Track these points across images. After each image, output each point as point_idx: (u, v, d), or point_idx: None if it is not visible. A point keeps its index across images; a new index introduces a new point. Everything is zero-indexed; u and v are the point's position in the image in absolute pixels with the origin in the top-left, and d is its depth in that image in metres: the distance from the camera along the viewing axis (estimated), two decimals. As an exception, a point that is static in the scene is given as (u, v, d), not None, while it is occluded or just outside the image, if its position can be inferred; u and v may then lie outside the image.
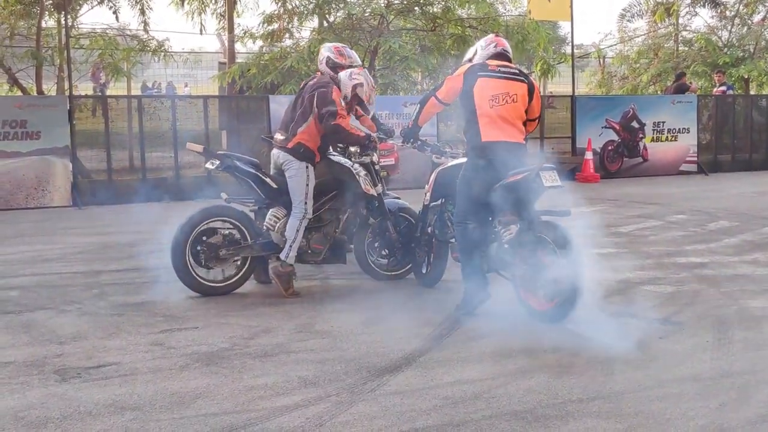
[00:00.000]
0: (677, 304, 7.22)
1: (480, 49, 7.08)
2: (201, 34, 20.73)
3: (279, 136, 7.81)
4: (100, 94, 21.82)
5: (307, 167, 7.61)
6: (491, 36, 7.25)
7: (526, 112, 6.95)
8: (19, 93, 17.96)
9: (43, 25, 19.77)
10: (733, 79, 23.90)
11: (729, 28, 26.41)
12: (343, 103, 7.66)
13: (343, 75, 7.82)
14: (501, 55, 7.04)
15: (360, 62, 8.38)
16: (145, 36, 21.51)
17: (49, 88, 19.36)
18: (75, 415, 4.81)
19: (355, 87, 7.79)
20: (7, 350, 6.02)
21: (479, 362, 5.76)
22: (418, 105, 7.21)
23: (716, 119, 19.93)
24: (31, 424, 4.68)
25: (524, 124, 6.96)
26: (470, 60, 7.13)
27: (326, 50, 8.10)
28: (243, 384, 5.31)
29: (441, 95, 7.05)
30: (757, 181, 17.53)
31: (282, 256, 7.58)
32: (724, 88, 21.10)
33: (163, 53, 20.78)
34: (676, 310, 7.02)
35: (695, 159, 18.89)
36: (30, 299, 7.57)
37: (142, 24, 20.35)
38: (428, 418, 4.78)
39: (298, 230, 7.57)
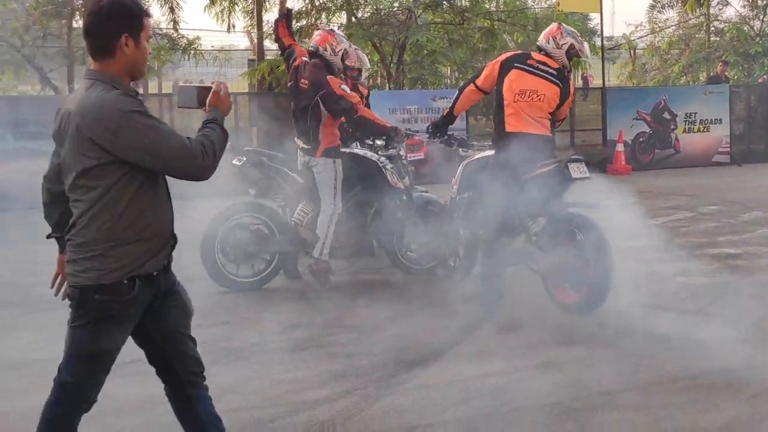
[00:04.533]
0: (710, 296, 7.17)
1: (554, 45, 6.93)
2: (229, 32, 20.76)
3: (303, 144, 7.76)
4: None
5: (334, 162, 7.62)
6: (569, 36, 7.01)
7: (551, 113, 6.87)
8: (51, 93, 18.13)
9: (75, 25, 19.96)
10: (766, 68, 23.63)
11: (761, 17, 26.11)
12: (347, 89, 7.64)
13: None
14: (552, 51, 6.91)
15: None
16: (175, 34, 21.66)
17: (81, 87, 19.55)
18: (107, 411, 4.82)
19: (344, 54, 7.84)
20: (41, 347, 6.08)
21: (507, 355, 5.75)
22: (458, 92, 7.17)
23: (748, 109, 19.69)
24: (64, 419, 4.72)
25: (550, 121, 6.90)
26: (540, 44, 7.00)
27: (343, 41, 7.93)
28: (272, 378, 5.34)
29: (479, 82, 7.02)
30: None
31: (315, 253, 7.60)
32: None
33: (193, 51, 20.90)
34: (709, 302, 6.97)
35: (728, 150, 18.69)
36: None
37: (172, 23, 20.45)
38: (456, 410, 4.78)
39: (329, 226, 7.58)
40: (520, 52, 6.97)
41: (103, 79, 3.35)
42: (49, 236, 3.80)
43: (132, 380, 5.32)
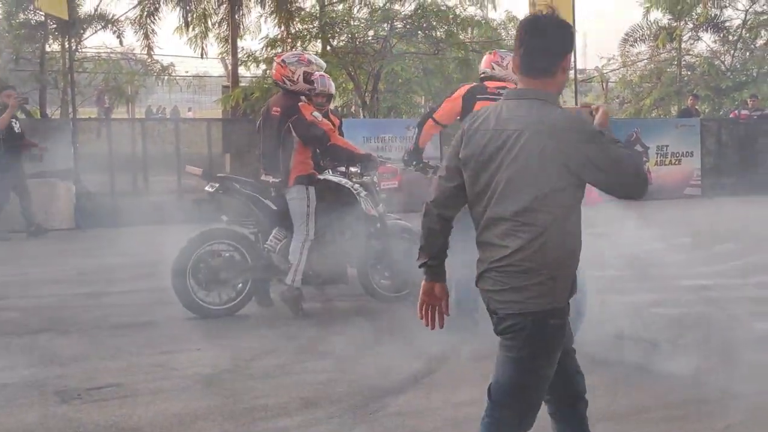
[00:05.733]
0: (683, 327, 7.16)
1: (482, 67, 7.05)
2: (202, 58, 20.80)
3: (271, 179, 7.67)
4: (104, 117, 21.85)
5: (307, 189, 7.57)
6: (486, 55, 7.20)
7: None
8: (23, 116, 17.98)
9: (48, 48, 19.90)
10: (736, 102, 23.91)
11: (732, 52, 26.46)
12: (319, 116, 7.60)
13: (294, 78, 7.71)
14: (501, 76, 7.02)
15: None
16: (149, 60, 21.64)
17: (53, 111, 19.43)
18: (75, 437, 4.77)
19: (306, 76, 7.70)
20: (6, 372, 5.97)
21: (482, 383, 5.62)
22: (416, 128, 7.19)
23: (719, 143, 19.86)
24: (30, 446, 4.64)
25: None
26: (486, 73, 7.09)
27: (298, 65, 7.73)
28: (244, 405, 5.27)
29: (438, 117, 7.05)
30: (763, 202, 17.46)
31: (288, 280, 7.54)
32: (758, 112, 20.77)
33: (166, 77, 20.86)
34: (682, 333, 6.96)
35: (699, 182, 18.85)
36: (31, 321, 7.54)
37: (146, 48, 20.42)
38: (431, 439, 4.73)
39: (301, 253, 7.53)
40: (473, 84, 6.98)
41: (546, 98, 3.29)
42: (422, 265, 3.60)
43: (96, 406, 5.25)
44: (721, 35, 26.48)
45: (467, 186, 3.37)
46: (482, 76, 7.10)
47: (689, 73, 26.80)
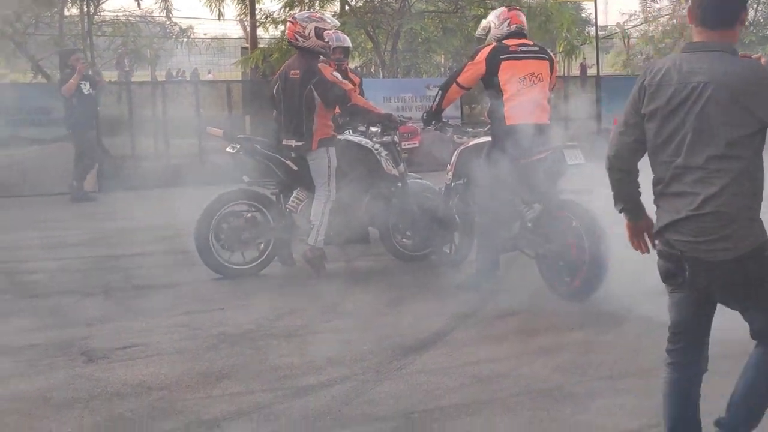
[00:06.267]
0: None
1: (494, 26, 7.00)
2: (219, 20, 20.75)
3: (295, 142, 7.58)
4: (124, 80, 21.85)
5: (327, 150, 7.55)
6: (504, 11, 7.10)
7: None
8: (44, 81, 18.04)
9: (66, 12, 19.87)
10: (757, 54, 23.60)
11: (754, 6, 26.12)
12: (339, 76, 7.55)
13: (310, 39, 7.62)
14: (517, 33, 6.98)
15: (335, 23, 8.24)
16: (168, 23, 21.60)
17: (73, 75, 19.43)
18: (102, 396, 4.83)
19: (318, 32, 7.57)
20: (33, 333, 6.04)
21: (505, 341, 5.73)
22: (440, 91, 7.14)
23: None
24: (59, 405, 4.70)
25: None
26: (484, 37, 7.07)
27: (309, 21, 7.66)
28: (268, 364, 5.31)
29: (462, 81, 7.01)
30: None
31: (310, 241, 7.55)
32: None
33: (185, 40, 20.82)
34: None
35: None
36: (56, 283, 7.61)
37: (165, 11, 20.36)
38: (454, 396, 4.75)
39: (323, 213, 7.53)
40: (493, 44, 6.92)
41: (727, 49, 3.43)
42: (621, 210, 3.81)
43: (122, 366, 5.30)
44: (744, -11, 26.12)
45: (651, 137, 3.50)
46: (500, 33, 6.99)
47: (712, 28, 26.45)
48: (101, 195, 13.52)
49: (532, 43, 7.06)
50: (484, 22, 7.22)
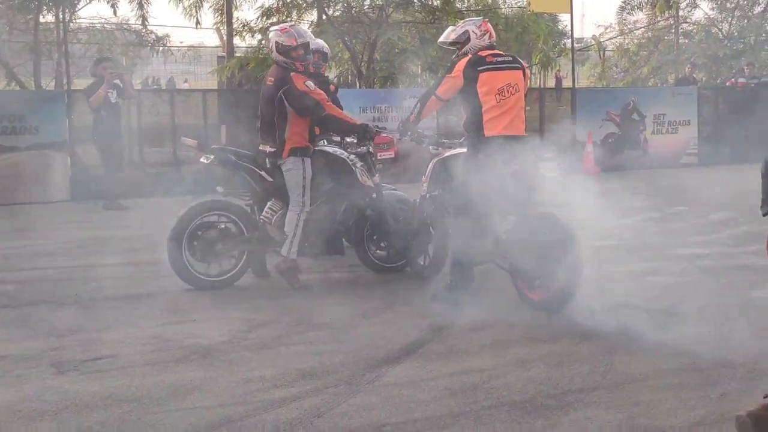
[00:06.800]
0: (678, 295, 7.16)
1: (474, 37, 6.99)
2: (196, 28, 20.68)
3: (268, 149, 7.59)
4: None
5: (303, 160, 7.53)
6: (483, 23, 7.11)
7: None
8: (17, 88, 17.91)
9: (41, 19, 19.74)
10: (734, 70, 23.82)
11: (729, 20, 26.34)
12: (311, 86, 7.52)
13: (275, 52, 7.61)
14: (491, 45, 7.02)
15: (312, 38, 8.08)
16: (144, 31, 21.50)
17: (48, 82, 19.33)
18: (71, 408, 4.78)
19: (287, 54, 7.53)
20: (3, 344, 5.98)
21: (478, 353, 5.73)
22: (418, 103, 7.14)
23: (716, 111, 19.78)
24: (28, 417, 4.65)
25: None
26: (458, 43, 7.05)
27: (273, 35, 7.73)
28: (240, 376, 5.27)
29: (440, 93, 7.02)
30: (758, 173, 17.44)
31: (283, 251, 7.53)
32: (756, 80, 20.68)
33: (161, 48, 20.72)
34: (677, 301, 6.96)
35: (696, 151, 18.81)
36: (27, 293, 7.54)
37: (141, 18, 20.27)
38: (427, 408, 4.74)
39: (297, 224, 7.51)
40: (469, 57, 6.92)
41: None
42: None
43: (93, 377, 5.26)
44: (719, 2, 26.37)
45: None
46: (473, 46, 6.99)
47: (686, 41, 26.69)
48: (74, 204, 13.43)
49: (504, 53, 7.10)
50: (455, 31, 7.14)
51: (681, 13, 26.61)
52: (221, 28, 20.80)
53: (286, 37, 7.57)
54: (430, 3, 18.65)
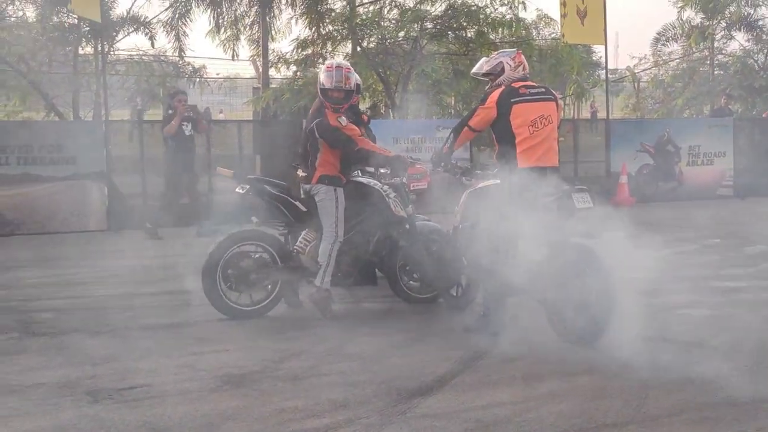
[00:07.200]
0: (714, 328, 7.11)
1: (509, 68, 7.01)
2: (233, 60, 20.89)
3: (301, 173, 7.84)
4: (136, 119, 22.00)
5: (335, 190, 7.60)
6: (518, 55, 7.13)
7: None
8: (56, 118, 18.17)
9: (80, 51, 20.03)
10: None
11: (765, 51, 26.18)
12: (344, 122, 7.60)
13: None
14: (523, 77, 7.04)
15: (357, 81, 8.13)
16: (181, 62, 21.75)
17: (86, 113, 19.58)
18: (106, 437, 4.81)
19: (324, 93, 7.66)
20: (40, 371, 6.05)
21: (510, 385, 5.70)
22: (452, 134, 7.18)
23: (752, 143, 19.63)
24: (62, 445, 4.69)
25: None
26: (492, 74, 7.07)
27: (322, 68, 7.94)
28: (273, 407, 5.29)
29: (473, 124, 7.04)
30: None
31: (317, 282, 7.56)
32: None
33: (198, 79, 20.93)
34: (713, 334, 6.91)
35: (732, 183, 18.67)
36: (64, 321, 7.62)
37: (178, 50, 20.51)
38: (459, 441, 4.72)
39: (330, 255, 7.55)
40: (502, 88, 6.95)
41: None
42: None
43: (127, 406, 5.29)
44: (755, 34, 26.18)
45: None
46: (508, 77, 7.02)
47: (722, 72, 26.54)
48: (111, 233, 13.57)
49: (536, 84, 7.13)
50: (489, 62, 7.17)
51: (716, 44, 26.49)
52: (257, 59, 21.00)
53: (326, 76, 7.69)
54: (463, 35, 18.71)
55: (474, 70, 7.41)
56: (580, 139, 18.37)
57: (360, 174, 8.23)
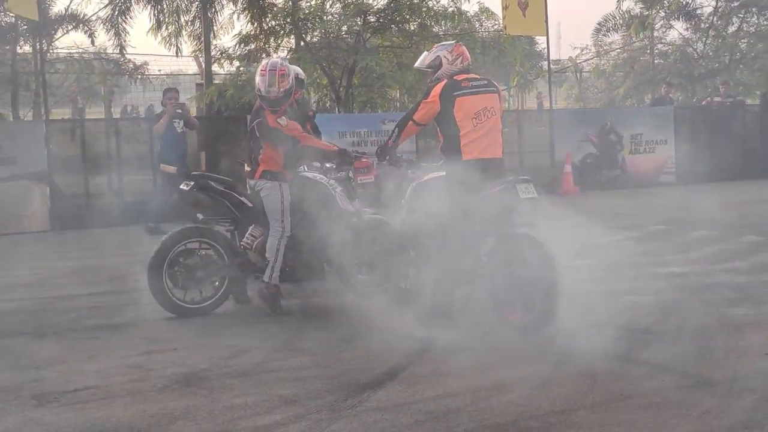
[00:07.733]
0: (659, 314, 7.21)
1: (446, 62, 7.03)
2: (177, 56, 20.72)
3: (246, 168, 7.83)
4: (77, 118, 21.70)
5: (280, 185, 7.57)
6: (456, 47, 7.16)
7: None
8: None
9: (19, 50, 19.71)
10: (709, 89, 24.05)
11: (704, 39, 26.60)
12: (284, 122, 7.57)
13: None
14: (465, 69, 7.07)
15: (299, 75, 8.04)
16: (122, 59, 21.49)
17: (26, 113, 19.28)
18: (52, 440, 4.74)
19: (260, 96, 7.62)
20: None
21: (460, 376, 5.72)
22: (396, 128, 7.20)
23: (693, 130, 19.93)
24: (7, 451, 4.61)
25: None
26: (426, 69, 7.12)
27: (257, 71, 7.86)
28: (222, 404, 5.25)
29: (418, 118, 7.06)
30: (736, 190, 17.58)
31: (265, 278, 7.53)
32: (731, 99, 20.90)
33: (140, 76, 20.70)
34: (658, 320, 7.01)
35: (674, 170, 18.95)
36: (6, 324, 7.49)
37: (118, 47, 20.27)
38: (410, 433, 4.73)
39: (278, 250, 7.53)
40: (445, 81, 6.97)
41: None
42: None
43: (73, 409, 5.22)
44: (693, 23, 26.61)
45: None
46: (450, 71, 7.03)
47: (662, 61, 26.93)
48: (53, 234, 13.37)
49: (478, 77, 7.14)
50: (429, 56, 7.20)
51: (656, 33, 26.87)
52: (199, 55, 20.83)
53: (260, 80, 7.65)
54: (407, 28, 18.72)
55: (416, 64, 7.46)
56: (525, 129, 18.51)
57: (306, 169, 8.21)
